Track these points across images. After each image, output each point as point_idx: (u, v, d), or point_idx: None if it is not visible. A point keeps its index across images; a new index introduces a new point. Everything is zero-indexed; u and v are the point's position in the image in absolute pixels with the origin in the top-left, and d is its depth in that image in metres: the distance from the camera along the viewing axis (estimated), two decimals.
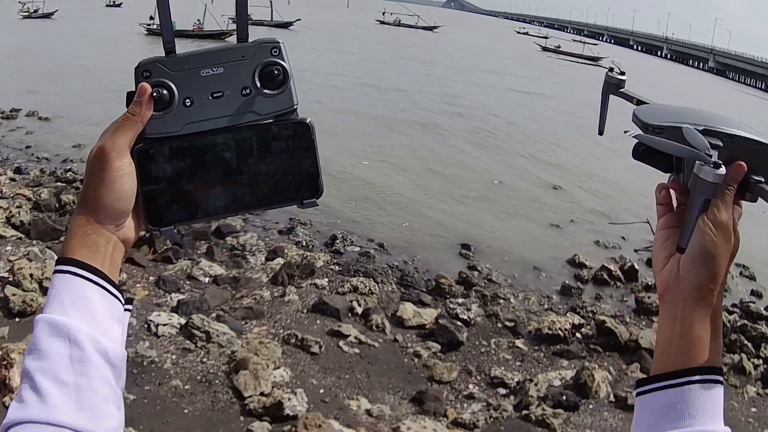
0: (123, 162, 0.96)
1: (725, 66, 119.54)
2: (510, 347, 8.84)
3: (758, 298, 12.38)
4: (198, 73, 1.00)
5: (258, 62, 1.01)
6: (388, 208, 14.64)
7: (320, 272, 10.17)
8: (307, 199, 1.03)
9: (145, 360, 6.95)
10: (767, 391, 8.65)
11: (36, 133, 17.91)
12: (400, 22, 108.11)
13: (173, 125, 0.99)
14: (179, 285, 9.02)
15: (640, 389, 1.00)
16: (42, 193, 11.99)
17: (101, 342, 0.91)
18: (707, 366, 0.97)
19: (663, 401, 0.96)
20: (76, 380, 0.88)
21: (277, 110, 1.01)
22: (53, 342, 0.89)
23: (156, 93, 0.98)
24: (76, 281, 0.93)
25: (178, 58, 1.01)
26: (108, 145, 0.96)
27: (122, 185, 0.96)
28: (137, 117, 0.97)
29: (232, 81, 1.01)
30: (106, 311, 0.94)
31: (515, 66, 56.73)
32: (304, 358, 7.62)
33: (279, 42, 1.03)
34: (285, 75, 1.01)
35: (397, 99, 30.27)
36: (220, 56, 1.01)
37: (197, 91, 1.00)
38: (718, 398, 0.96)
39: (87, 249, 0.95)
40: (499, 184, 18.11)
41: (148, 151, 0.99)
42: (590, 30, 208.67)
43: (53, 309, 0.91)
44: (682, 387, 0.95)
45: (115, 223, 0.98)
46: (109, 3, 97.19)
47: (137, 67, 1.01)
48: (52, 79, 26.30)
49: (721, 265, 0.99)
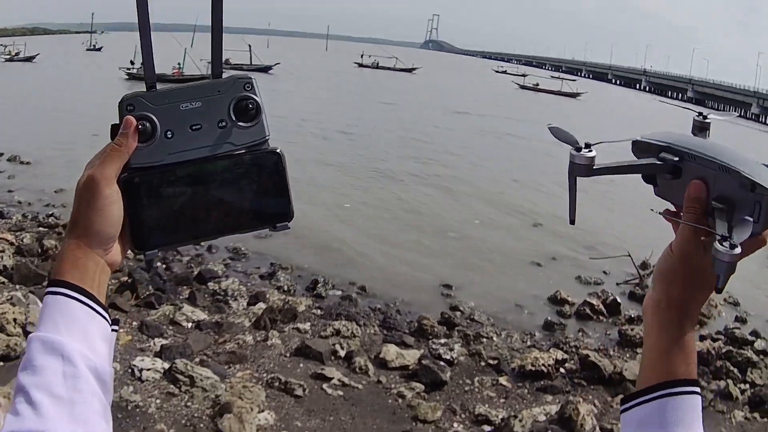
0: (112, 190, 1.01)
1: (704, 95, 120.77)
2: (494, 385, 8.84)
3: (742, 323, 12.47)
4: (178, 107, 1.06)
5: (232, 97, 1.08)
6: (368, 250, 14.65)
7: (302, 316, 10.17)
8: (280, 223, 1.10)
9: (130, 404, 6.90)
10: (755, 415, 8.68)
11: (18, 178, 17.89)
12: (379, 64, 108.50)
13: (156, 156, 1.05)
14: (162, 330, 8.99)
15: (623, 407, 1.06)
16: (24, 238, 11.94)
17: (92, 359, 0.95)
18: (678, 379, 1.01)
19: (639, 416, 1.02)
20: (70, 395, 0.91)
21: (251, 141, 1.08)
22: (47, 359, 0.92)
23: (140, 126, 1.04)
24: (67, 302, 0.98)
25: (159, 92, 1.07)
26: (97, 174, 1.01)
27: (111, 212, 1.01)
28: (123, 148, 1.03)
29: (209, 114, 1.07)
30: (95, 330, 0.99)
31: (491, 106, 57.00)
32: (288, 401, 7.60)
33: (251, 78, 1.10)
34: (257, 109, 1.08)
35: (371, 144, 30.34)
36: (198, 91, 1.08)
37: (178, 124, 1.06)
38: (693, 409, 1.00)
39: (77, 272, 1.00)
40: (479, 223, 18.19)
41: (134, 179, 1.05)
42: (568, 66, 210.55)
43: (46, 328, 0.96)
44: (654, 401, 1.01)
45: (104, 247, 1.02)
46: (90, 47, 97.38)
47: (121, 101, 1.06)
48: (33, 123, 26.32)
49: (673, 281, 1.05)
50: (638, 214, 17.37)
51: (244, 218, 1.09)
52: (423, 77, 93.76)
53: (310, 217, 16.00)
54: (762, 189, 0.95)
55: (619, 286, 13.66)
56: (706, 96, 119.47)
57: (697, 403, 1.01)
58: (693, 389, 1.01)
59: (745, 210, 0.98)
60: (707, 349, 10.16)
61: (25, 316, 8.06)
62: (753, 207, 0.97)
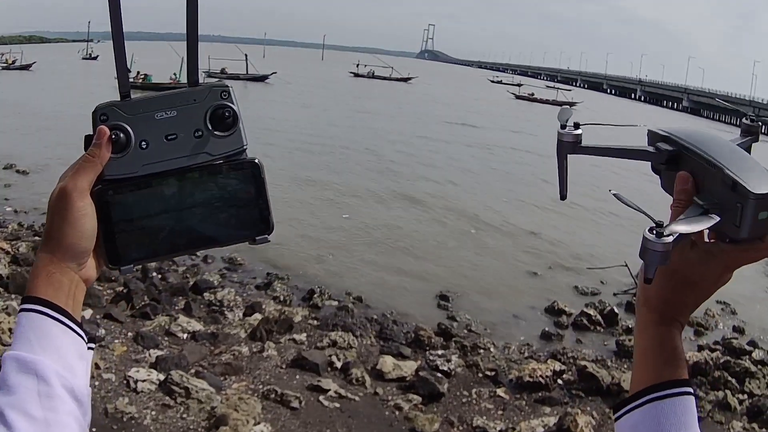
0: (84, 202, 0.98)
1: (699, 104, 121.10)
2: (491, 396, 8.82)
3: (740, 333, 12.50)
4: (153, 117, 1.03)
5: (208, 105, 1.05)
6: (365, 261, 14.64)
7: (299, 327, 10.13)
8: (260, 235, 1.06)
9: (125, 416, 6.86)
10: (753, 426, 8.68)
11: (14, 187, 17.88)
12: (374, 74, 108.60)
13: (130, 167, 1.02)
14: (157, 341, 8.95)
15: (616, 414, 1.03)
16: (20, 247, 11.88)
17: (67, 378, 0.93)
18: (664, 381, 0.99)
19: (630, 423, 0.99)
20: (45, 415, 0.89)
21: (228, 151, 1.04)
22: (22, 378, 0.90)
23: (114, 136, 1.01)
24: (41, 319, 0.95)
25: (133, 102, 1.04)
26: (70, 186, 0.98)
27: (84, 225, 0.98)
28: (97, 159, 1.00)
29: (185, 124, 1.04)
30: (71, 349, 0.96)
31: (486, 117, 57.12)
32: (285, 413, 7.56)
33: (228, 86, 1.07)
34: (234, 117, 1.05)
35: (368, 155, 30.36)
36: (173, 100, 1.05)
37: (152, 134, 1.03)
38: (685, 410, 0.97)
39: (51, 288, 0.97)
40: (475, 233, 18.19)
41: (107, 191, 1.01)
42: (564, 76, 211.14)
43: (21, 346, 0.93)
44: (643, 407, 0.98)
45: (77, 261, 0.99)
46: (86, 56, 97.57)
47: (94, 111, 1.04)
48: (30, 132, 26.34)
49: (645, 286, 1.03)
50: (635, 224, 17.37)
51: (222, 231, 1.06)
52: (419, 87, 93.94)
53: (305, 227, 16.00)
54: (742, 189, 0.92)
55: (616, 296, 13.66)
56: (702, 105, 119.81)
57: (689, 404, 0.98)
58: (683, 390, 0.98)
59: (729, 211, 0.94)
60: (705, 359, 10.17)
61: None
62: (735, 209, 0.94)
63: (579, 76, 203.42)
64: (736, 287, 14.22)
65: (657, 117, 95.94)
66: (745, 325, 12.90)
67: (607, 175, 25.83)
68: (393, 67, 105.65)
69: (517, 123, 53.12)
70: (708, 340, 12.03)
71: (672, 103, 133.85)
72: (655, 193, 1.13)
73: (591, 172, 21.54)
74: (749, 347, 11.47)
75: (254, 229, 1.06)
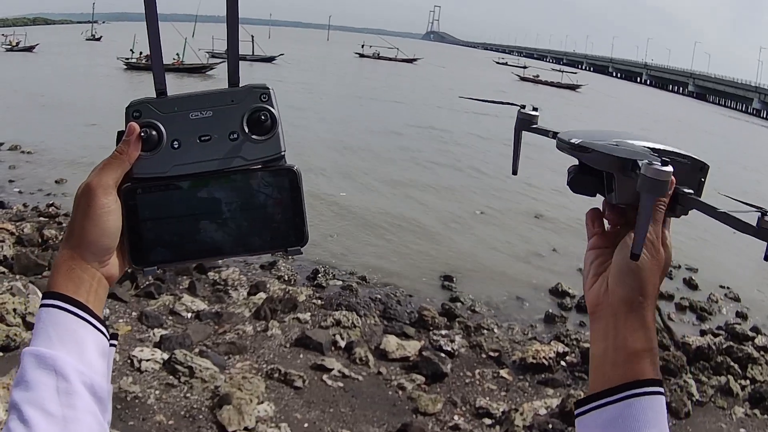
0: (108, 199, 0.96)
1: (705, 89, 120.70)
2: (495, 377, 8.83)
3: (743, 319, 12.49)
4: (187, 116, 1.01)
5: (247, 107, 1.01)
6: (369, 241, 14.64)
7: (303, 306, 10.14)
8: (292, 247, 1.03)
9: (129, 395, 6.88)
10: (755, 412, 8.69)
11: (18, 168, 17.87)
12: (380, 54, 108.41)
13: (160, 166, 1.00)
14: (162, 320, 8.97)
15: (579, 410, 0.99)
16: (25, 228, 11.90)
17: (87, 375, 0.92)
18: (646, 379, 0.96)
19: (604, 418, 0.95)
20: (63, 412, 0.88)
21: (264, 156, 1.01)
22: (40, 374, 0.89)
23: (144, 133, 0.99)
24: (62, 315, 0.94)
25: (168, 99, 1.01)
26: (94, 182, 0.96)
27: (107, 222, 0.96)
28: (124, 156, 0.98)
29: (220, 125, 1.01)
30: (91, 345, 0.95)
31: (491, 96, 56.96)
32: (288, 392, 7.58)
33: (269, 88, 1.03)
34: (273, 121, 1.01)
35: (372, 132, 30.29)
36: (210, 100, 1.01)
37: (185, 134, 1.00)
38: (659, 410, 0.95)
39: (72, 283, 0.96)
40: (480, 214, 18.16)
41: (135, 190, 0.99)
42: (569, 58, 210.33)
43: (40, 342, 0.92)
44: (621, 402, 0.95)
45: (99, 259, 0.98)
46: (89, 36, 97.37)
47: (128, 107, 1.01)
48: (34, 113, 26.31)
49: (647, 278, 0.99)
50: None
51: (252, 239, 1.02)
52: (424, 68, 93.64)
53: (312, 198, 15.99)
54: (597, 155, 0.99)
55: None
56: (708, 90, 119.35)
57: (662, 404, 0.96)
58: (659, 389, 0.96)
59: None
60: (708, 343, 10.16)
61: (25, 306, 8.05)
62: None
63: (585, 59, 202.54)
64: (739, 273, 14.23)
65: (662, 101, 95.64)
66: (749, 311, 12.90)
67: None
68: (398, 49, 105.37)
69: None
70: (711, 325, 12.02)
71: (678, 87, 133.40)
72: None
73: None
74: (752, 333, 11.47)
75: (287, 240, 1.03)
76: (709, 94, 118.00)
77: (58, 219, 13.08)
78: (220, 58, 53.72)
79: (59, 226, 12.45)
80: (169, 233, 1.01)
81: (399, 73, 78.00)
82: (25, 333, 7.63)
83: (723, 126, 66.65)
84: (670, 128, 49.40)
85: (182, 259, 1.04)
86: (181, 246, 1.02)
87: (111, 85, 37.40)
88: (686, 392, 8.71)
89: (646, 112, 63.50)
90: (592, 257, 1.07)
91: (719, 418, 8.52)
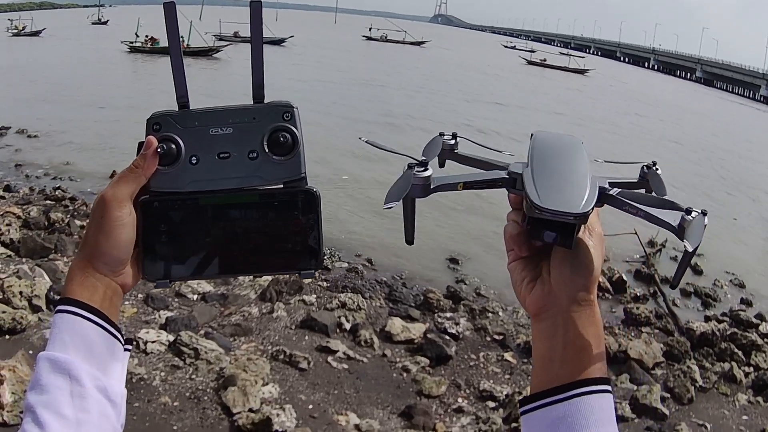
0: (122, 212, 0.97)
1: (713, 75, 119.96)
2: (499, 360, 8.84)
3: (748, 306, 12.46)
4: (207, 132, 1.00)
5: (268, 126, 1.01)
6: (375, 222, 14.62)
7: (308, 288, 10.15)
8: (306, 270, 1.02)
9: (134, 377, 6.92)
10: (758, 399, 8.69)
11: (25, 151, 17.88)
12: (387, 37, 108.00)
13: (177, 182, 1.00)
14: (167, 302, 9.01)
15: (525, 408, 0.98)
16: (31, 211, 11.91)
17: (101, 379, 0.94)
18: (595, 377, 0.95)
19: (552, 416, 0.94)
20: (77, 415, 0.90)
21: (284, 177, 1.01)
22: (55, 378, 0.91)
23: (162, 148, 0.99)
24: (77, 321, 0.96)
25: (189, 113, 1.01)
26: (109, 195, 0.98)
27: (120, 235, 0.98)
28: (140, 170, 0.99)
29: (240, 143, 1.00)
30: (105, 350, 0.97)
31: (497, 80, 56.77)
32: (293, 374, 7.61)
33: (293, 107, 1.02)
34: (294, 141, 1.01)
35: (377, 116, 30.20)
36: (232, 116, 1.01)
37: (204, 150, 1.00)
38: (608, 407, 0.94)
39: (86, 291, 0.98)
40: (486, 197, 18.12)
41: (152, 203, 1.00)
42: (577, 43, 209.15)
43: (55, 347, 0.94)
44: (571, 400, 0.93)
45: (112, 269, 0.99)
46: (95, 21, 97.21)
47: (149, 120, 1.01)
48: (40, 97, 26.31)
49: (597, 272, 0.99)
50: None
51: (266, 260, 1.02)
52: (432, 51, 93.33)
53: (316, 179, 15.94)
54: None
55: (627, 262, 13.60)
56: (715, 76, 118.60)
57: (611, 403, 0.95)
58: (607, 388, 0.95)
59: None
60: (712, 329, 10.16)
61: (32, 289, 8.09)
62: None
63: (593, 43, 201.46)
64: (744, 259, 14.20)
65: (670, 87, 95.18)
66: (753, 298, 12.86)
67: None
68: (406, 31, 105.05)
69: (527, 88, 52.74)
70: (716, 311, 11.99)
71: (685, 73, 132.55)
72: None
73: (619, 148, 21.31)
74: (757, 320, 11.45)
75: (301, 262, 1.02)
76: (717, 81, 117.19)
77: (64, 202, 13.11)
78: (227, 40, 53.64)
79: (65, 209, 12.50)
80: (183, 248, 1.01)
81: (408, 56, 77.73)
82: (31, 316, 7.67)
83: (731, 112, 66.35)
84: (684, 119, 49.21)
85: (195, 275, 1.03)
86: (194, 262, 1.02)
87: (115, 70, 37.36)
88: (689, 378, 8.72)
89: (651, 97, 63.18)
90: (521, 267, 1.05)
91: (722, 404, 8.53)
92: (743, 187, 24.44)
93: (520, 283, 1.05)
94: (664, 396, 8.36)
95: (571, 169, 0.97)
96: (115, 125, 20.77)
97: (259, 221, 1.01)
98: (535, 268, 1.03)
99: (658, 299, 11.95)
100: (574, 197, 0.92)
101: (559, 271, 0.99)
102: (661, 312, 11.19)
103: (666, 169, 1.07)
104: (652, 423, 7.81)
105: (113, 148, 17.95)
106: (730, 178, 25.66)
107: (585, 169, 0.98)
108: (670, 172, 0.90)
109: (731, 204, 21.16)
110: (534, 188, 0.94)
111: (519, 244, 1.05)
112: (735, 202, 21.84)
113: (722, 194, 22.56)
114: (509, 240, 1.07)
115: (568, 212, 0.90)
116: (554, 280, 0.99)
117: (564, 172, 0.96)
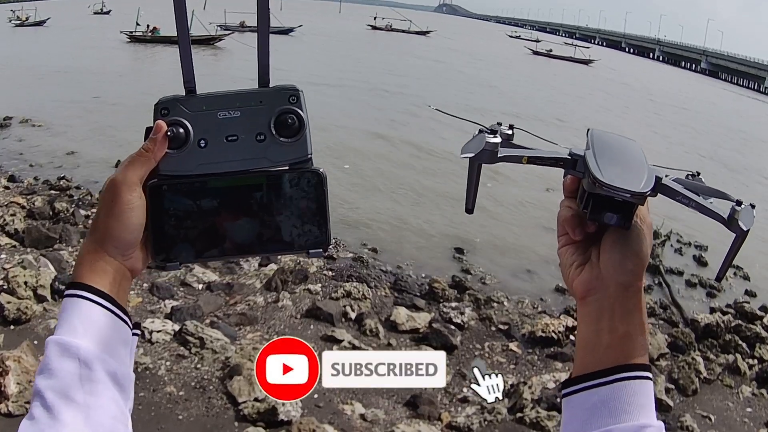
0: (132, 196, 0.98)
1: (717, 67, 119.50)
2: (504, 350, 8.85)
3: (752, 297, 12.45)
4: (215, 115, 1.02)
5: (275, 109, 1.02)
6: (380, 212, 14.62)
7: (313, 277, 10.16)
8: (314, 249, 1.04)
9: (140, 366, 6.94)
10: (762, 391, 8.70)
11: (29, 141, 17.88)
12: (392, 27, 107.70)
13: (186, 165, 1.01)
14: (173, 292, 9.02)
15: (568, 390, 1.00)
16: (36, 201, 11.93)
17: (110, 363, 0.94)
18: (638, 363, 0.97)
19: (594, 399, 0.96)
20: (86, 399, 0.90)
21: (291, 159, 1.02)
22: (64, 362, 0.91)
23: (171, 131, 1.00)
24: (86, 305, 0.96)
25: (197, 97, 1.03)
26: (119, 178, 0.98)
27: (130, 218, 0.98)
28: (150, 154, 1.00)
29: (247, 126, 1.02)
30: (114, 334, 0.97)
31: (501, 70, 56.68)
32: None
33: (298, 90, 1.04)
34: (301, 123, 1.02)
35: (383, 104, 30.15)
36: (239, 100, 1.03)
37: (212, 133, 1.02)
38: (649, 394, 0.96)
39: (96, 275, 0.98)
40: (491, 187, 18.10)
41: (161, 187, 1.01)
42: (582, 33, 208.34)
43: (64, 331, 0.94)
44: (614, 384, 0.95)
45: (122, 253, 1.00)
46: (98, 11, 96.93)
47: (157, 104, 1.03)
48: (44, 87, 26.28)
49: (646, 259, 1.00)
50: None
51: (275, 240, 1.03)
52: (436, 40, 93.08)
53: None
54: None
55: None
56: (720, 68, 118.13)
57: (651, 389, 0.97)
58: (649, 375, 0.97)
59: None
60: (717, 321, 10.15)
61: (36, 279, 8.10)
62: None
63: (597, 33, 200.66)
64: (750, 252, 14.15)
65: (675, 77, 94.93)
66: (758, 290, 12.85)
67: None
68: (411, 21, 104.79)
69: (533, 78, 52.62)
70: (720, 302, 11.99)
71: (690, 64, 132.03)
72: None
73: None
74: (761, 312, 11.44)
75: (309, 242, 1.04)
76: (722, 72, 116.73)
77: (69, 192, 13.13)
78: (233, 30, 53.56)
79: (70, 198, 12.51)
80: (192, 231, 1.02)
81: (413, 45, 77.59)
82: (36, 306, 7.69)
83: (734, 105, 66.15)
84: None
85: (204, 257, 1.05)
86: (203, 244, 1.03)
87: (119, 59, 37.36)
88: (694, 369, 8.71)
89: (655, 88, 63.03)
90: (571, 251, 1.06)
91: (726, 396, 8.54)
92: (750, 179, 24.37)
93: (569, 267, 1.06)
94: (668, 387, 8.36)
95: (631, 156, 1.01)
96: (120, 114, 20.75)
97: (267, 202, 1.02)
98: (584, 252, 1.05)
99: (663, 290, 11.93)
100: (634, 177, 0.96)
101: (609, 256, 1.00)
102: (665, 303, 11.19)
103: (670, 158, 1.07)
104: (657, 414, 7.80)
105: (118, 137, 17.94)
106: (737, 169, 25.58)
107: (643, 159, 1.01)
108: (676, 163, 0.89)
109: (738, 195, 21.09)
110: (597, 165, 0.97)
111: (573, 228, 1.05)
112: (741, 194, 21.77)
113: (730, 188, 22.49)
114: (563, 224, 1.07)
115: (629, 189, 0.94)
116: (603, 264, 1.01)
117: (624, 156, 1.00)
